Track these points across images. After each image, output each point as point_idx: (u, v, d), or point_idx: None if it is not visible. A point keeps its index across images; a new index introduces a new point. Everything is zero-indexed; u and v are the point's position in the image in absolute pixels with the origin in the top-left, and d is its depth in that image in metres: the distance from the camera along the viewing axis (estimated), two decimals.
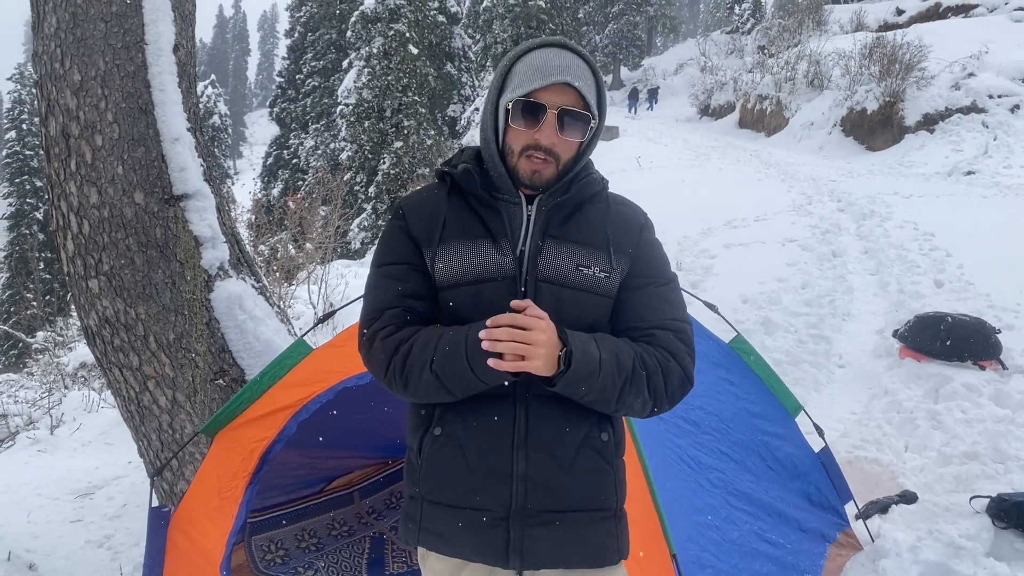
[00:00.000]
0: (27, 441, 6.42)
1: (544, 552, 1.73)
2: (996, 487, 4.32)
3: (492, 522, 1.73)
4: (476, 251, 1.76)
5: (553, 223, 1.80)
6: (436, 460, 1.78)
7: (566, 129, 1.73)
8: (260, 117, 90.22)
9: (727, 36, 44.70)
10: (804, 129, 23.10)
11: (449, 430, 1.77)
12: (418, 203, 1.87)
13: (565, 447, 1.74)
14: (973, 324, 6.11)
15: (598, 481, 1.79)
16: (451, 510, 1.76)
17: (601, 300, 1.80)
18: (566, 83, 1.70)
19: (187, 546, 3.15)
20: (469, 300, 1.74)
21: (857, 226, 11.22)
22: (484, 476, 1.73)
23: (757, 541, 3.23)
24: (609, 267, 1.80)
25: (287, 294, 9.11)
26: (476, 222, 1.80)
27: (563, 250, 1.78)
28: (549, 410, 1.74)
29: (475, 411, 1.74)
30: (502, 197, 1.82)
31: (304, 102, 42.05)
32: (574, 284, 1.76)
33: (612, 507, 1.82)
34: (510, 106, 1.74)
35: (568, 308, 1.74)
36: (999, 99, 17.88)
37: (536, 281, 1.74)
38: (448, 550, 1.80)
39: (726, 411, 3.56)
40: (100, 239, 3.51)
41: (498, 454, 1.73)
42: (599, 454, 1.79)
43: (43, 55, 3.54)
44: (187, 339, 3.59)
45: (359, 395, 3.21)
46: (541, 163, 1.74)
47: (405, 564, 4.25)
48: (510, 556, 1.72)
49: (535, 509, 1.72)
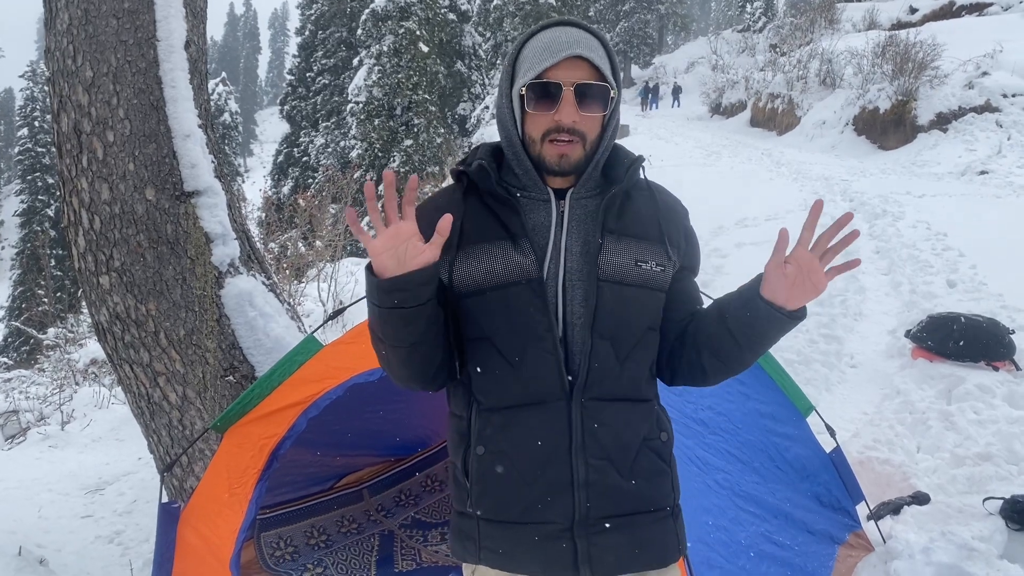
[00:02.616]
0: (38, 437, 6.46)
1: (612, 559, 1.67)
2: (1010, 488, 4.29)
3: (557, 534, 1.65)
4: (496, 253, 1.67)
5: (611, 217, 1.71)
6: (489, 480, 1.68)
7: (585, 104, 1.63)
8: (271, 115, 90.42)
9: (739, 34, 44.51)
10: (816, 128, 22.98)
11: (494, 447, 1.68)
12: (435, 208, 1.72)
13: (625, 451, 1.69)
14: (986, 325, 6.07)
15: (657, 482, 1.74)
16: (513, 527, 1.68)
17: (659, 296, 1.74)
18: (577, 56, 1.62)
19: (197, 542, 3.15)
20: (494, 307, 1.66)
21: (869, 226, 11.15)
22: (544, 488, 1.65)
23: (764, 543, 3.22)
24: (666, 260, 1.74)
25: (297, 292, 9.13)
26: (494, 222, 1.70)
27: (623, 246, 1.70)
28: (607, 415, 1.67)
29: (521, 423, 1.66)
30: (528, 194, 1.73)
31: (314, 100, 42.12)
32: (635, 281, 1.69)
33: (670, 506, 1.78)
34: (524, 91, 1.65)
35: (631, 308, 1.69)
36: (1013, 98, 17.71)
37: (598, 281, 1.66)
38: (513, 567, 1.71)
39: (736, 411, 3.53)
40: (111, 235, 3.51)
41: (557, 464, 1.65)
42: (658, 455, 1.75)
43: (55, 51, 3.55)
44: (197, 335, 3.59)
45: (369, 392, 3.21)
46: (567, 144, 1.64)
47: (414, 562, 4.25)
48: (579, 567, 1.65)
49: (597, 516, 1.66)
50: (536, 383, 1.65)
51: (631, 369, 1.71)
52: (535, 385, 1.65)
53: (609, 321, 1.67)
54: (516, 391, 1.66)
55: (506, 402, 1.67)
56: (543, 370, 1.64)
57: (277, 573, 3.99)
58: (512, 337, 1.65)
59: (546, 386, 1.63)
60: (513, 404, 1.66)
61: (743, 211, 12.25)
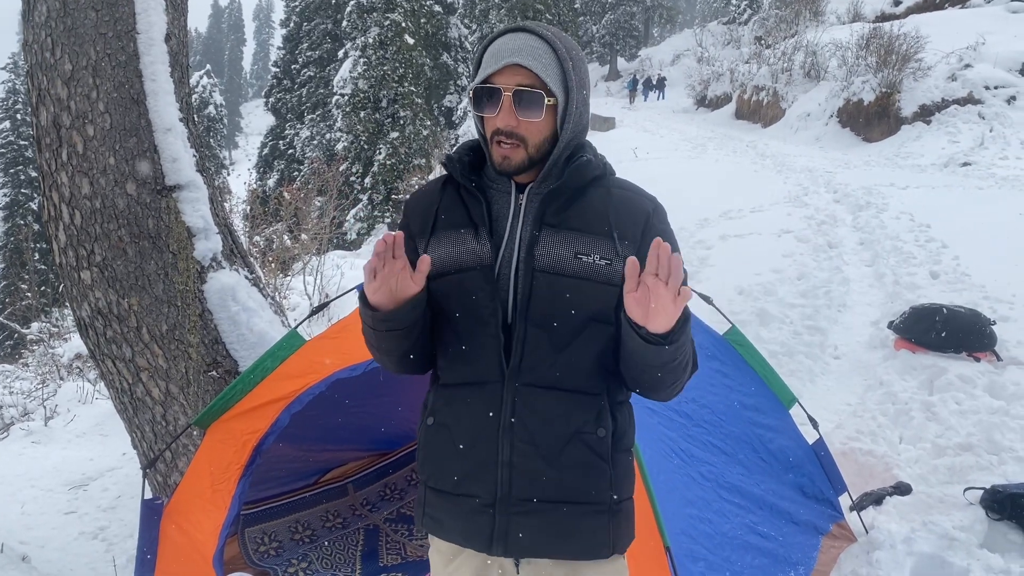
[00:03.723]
0: (21, 432, 6.41)
1: (527, 541, 1.74)
2: (990, 478, 4.33)
3: (479, 508, 1.75)
4: (459, 240, 1.79)
5: (550, 211, 1.78)
6: (431, 448, 1.84)
7: (522, 109, 1.70)
8: (256, 107, 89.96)
9: (724, 27, 44.57)
10: (800, 120, 23.06)
11: (440, 419, 1.82)
12: (419, 199, 1.91)
13: (551, 439, 1.74)
14: (968, 316, 6.11)
15: (589, 475, 1.76)
16: (446, 496, 1.81)
17: (603, 288, 1.75)
18: (516, 64, 1.69)
19: (180, 538, 3.15)
20: (450, 290, 1.77)
21: (853, 217, 11.21)
22: (473, 463, 1.76)
23: (748, 534, 3.24)
24: (612, 254, 1.75)
25: (283, 285, 9.09)
26: (462, 211, 1.82)
27: (561, 238, 1.76)
28: (538, 401, 1.74)
29: (462, 399, 1.78)
30: (492, 185, 1.84)
31: (300, 92, 41.87)
32: (572, 272, 1.73)
33: (606, 502, 1.78)
34: (471, 94, 1.76)
35: (566, 299, 1.73)
36: (995, 90, 17.85)
37: (532, 271, 1.73)
38: (444, 535, 1.85)
39: (719, 404, 3.55)
40: (92, 230, 3.49)
41: (485, 442, 1.75)
42: (592, 449, 1.76)
43: (33, 44, 3.51)
44: (180, 330, 3.57)
45: (353, 386, 3.20)
46: (509, 148, 1.73)
47: (399, 556, 4.25)
48: (494, 542, 1.75)
49: (519, 497, 1.73)
50: (479, 364, 1.76)
51: (570, 359, 1.75)
52: (478, 366, 1.76)
53: (544, 310, 1.73)
54: (464, 370, 1.79)
55: (455, 379, 1.81)
56: (485, 353, 1.75)
57: (261, 569, 3.98)
58: (464, 319, 1.77)
59: (487, 368, 1.75)
60: (460, 382, 1.80)
61: (728, 203, 12.28)
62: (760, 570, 3.18)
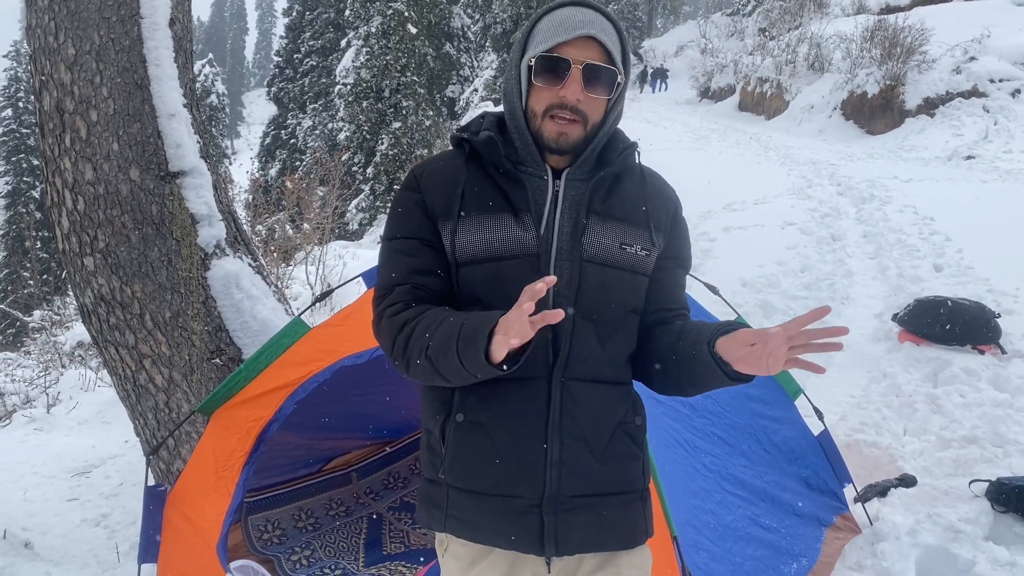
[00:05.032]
0: (24, 420, 6.41)
1: (578, 537, 1.68)
2: (995, 471, 4.32)
3: (525, 509, 1.66)
4: (497, 226, 1.67)
5: (596, 199, 1.72)
6: (463, 448, 1.69)
7: (592, 85, 1.64)
8: (258, 97, 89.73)
9: (728, 18, 44.34)
10: (804, 112, 22.96)
11: (473, 417, 1.68)
12: (434, 172, 1.75)
13: (600, 433, 1.70)
14: (972, 308, 6.10)
15: (629, 465, 1.75)
16: (482, 497, 1.69)
17: (642, 279, 1.74)
18: (590, 36, 1.63)
19: (183, 525, 3.14)
20: (489, 278, 1.66)
21: (857, 210, 11.16)
22: (516, 463, 1.66)
23: (751, 526, 3.23)
24: (650, 244, 1.74)
25: (285, 274, 9.08)
26: (497, 194, 1.70)
27: (607, 227, 1.71)
28: (585, 395, 1.68)
29: (501, 397, 1.66)
30: (526, 169, 1.73)
31: (302, 82, 41.84)
32: (618, 264, 1.70)
33: (639, 489, 1.78)
34: (532, 63, 1.66)
35: (614, 290, 1.69)
36: (1000, 83, 17.74)
37: (581, 261, 1.67)
38: (477, 537, 1.72)
39: (723, 394, 3.52)
40: (95, 216, 3.47)
41: (531, 441, 1.65)
42: (631, 438, 1.76)
43: (36, 28, 3.49)
44: (183, 317, 3.56)
45: (357, 374, 3.19)
46: (567, 123, 1.65)
47: (402, 544, 4.25)
48: (545, 543, 1.67)
49: (568, 495, 1.67)
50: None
51: (612, 351, 1.72)
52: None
53: (592, 302, 1.68)
54: None
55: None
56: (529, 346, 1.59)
57: (265, 556, 3.98)
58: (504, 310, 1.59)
59: (530, 362, 1.58)
60: (497, 377, 1.60)
61: (731, 195, 12.23)
62: (762, 562, 3.17)
